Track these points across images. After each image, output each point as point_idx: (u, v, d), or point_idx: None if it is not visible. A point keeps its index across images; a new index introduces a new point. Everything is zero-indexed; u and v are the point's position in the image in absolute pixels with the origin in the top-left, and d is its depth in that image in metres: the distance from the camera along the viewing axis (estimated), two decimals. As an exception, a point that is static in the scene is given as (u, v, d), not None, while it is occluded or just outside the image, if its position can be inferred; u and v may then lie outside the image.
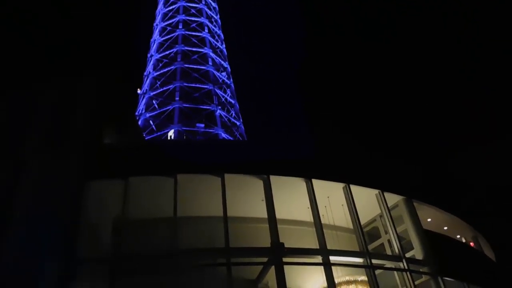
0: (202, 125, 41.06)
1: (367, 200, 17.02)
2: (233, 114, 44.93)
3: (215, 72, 45.92)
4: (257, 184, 15.66)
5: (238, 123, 44.64)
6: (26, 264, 11.84)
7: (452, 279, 16.26)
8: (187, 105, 41.57)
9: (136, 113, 42.94)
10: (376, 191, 17.22)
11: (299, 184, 16.12)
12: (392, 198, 17.50)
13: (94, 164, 15.01)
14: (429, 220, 19.33)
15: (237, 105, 46.31)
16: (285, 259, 13.92)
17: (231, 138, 41.68)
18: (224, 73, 47.78)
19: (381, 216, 17.68)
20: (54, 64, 15.87)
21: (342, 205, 16.62)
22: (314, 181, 16.11)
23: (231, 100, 45.79)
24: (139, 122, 40.28)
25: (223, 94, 44.87)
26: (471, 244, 21.93)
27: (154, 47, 48.22)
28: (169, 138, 37.04)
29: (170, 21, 49.23)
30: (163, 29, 49.20)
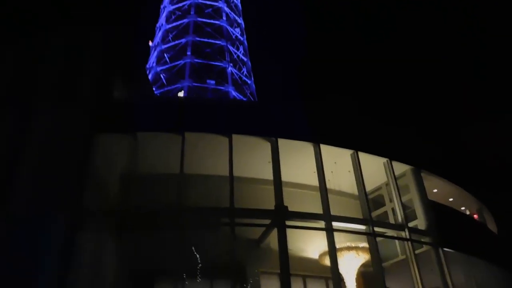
0: (213, 82, 40.53)
1: (374, 168, 16.92)
2: (245, 72, 44.22)
3: (229, 28, 44.79)
4: (265, 146, 15.58)
5: (249, 82, 44.02)
6: (34, 213, 12.08)
7: (452, 250, 16.39)
8: (199, 61, 40.93)
9: (147, 66, 42.51)
10: (384, 160, 17.09)
11: (307, 148, 16.01)
12: (400, 167, 17.39)
13: (103, 117, 14.95)
14: (435, 190, 19.28)
15: (249, 63, 45.48)
16: (288, 222, 14.06)
17: (242, 97, 41.26)
18: (237, 29, 46.60)
19: (387, 184, 17.62)
20: (61, 18, 15.60)
21: (349, 171, 16.57)
22: (322, 146, 15.99)
23: (243, 57, 44.90)
24: (150, 76, 39.92)
25: (236, 51, 43.95)
26: (475, 216, 21.97)
27: (167, -2, 46.96)
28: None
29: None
30: (177, -20, 47.68)
